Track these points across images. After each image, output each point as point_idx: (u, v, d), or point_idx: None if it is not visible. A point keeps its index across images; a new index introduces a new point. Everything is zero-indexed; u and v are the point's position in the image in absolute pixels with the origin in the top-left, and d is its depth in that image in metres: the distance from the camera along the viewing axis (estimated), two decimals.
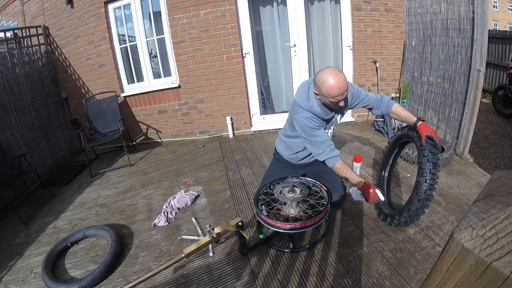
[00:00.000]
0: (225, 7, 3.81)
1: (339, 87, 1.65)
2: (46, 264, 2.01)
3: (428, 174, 1.71)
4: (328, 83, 1.66)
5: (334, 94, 1.67)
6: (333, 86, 1.65)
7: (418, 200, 1.73)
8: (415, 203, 1.75)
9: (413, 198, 1.76)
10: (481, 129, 4.36)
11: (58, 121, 4.34)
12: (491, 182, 0.53)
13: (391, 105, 1.95)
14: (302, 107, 1.85)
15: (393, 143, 2.23)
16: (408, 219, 1.83)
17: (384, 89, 4.20)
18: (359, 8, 3.82)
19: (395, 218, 1.91)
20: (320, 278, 1.69)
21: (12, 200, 3.17)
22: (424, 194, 1.72)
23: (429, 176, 1.71)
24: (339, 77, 1.66)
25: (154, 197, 2.87)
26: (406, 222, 1.87)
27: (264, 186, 2.09)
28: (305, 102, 1.84)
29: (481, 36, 2.65)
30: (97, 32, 4.11)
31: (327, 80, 1.66)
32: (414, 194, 1.77)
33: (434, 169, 1.71)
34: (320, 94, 1.75)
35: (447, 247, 0.44)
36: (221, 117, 4.30)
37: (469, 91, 2.85)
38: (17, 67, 3.70)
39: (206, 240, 1.76)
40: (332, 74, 1.66)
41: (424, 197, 1.72)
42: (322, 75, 1.70)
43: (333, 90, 1.66)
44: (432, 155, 1.72)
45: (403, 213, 1.84)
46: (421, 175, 1.74)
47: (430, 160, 1.72)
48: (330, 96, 1.69)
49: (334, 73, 1.67)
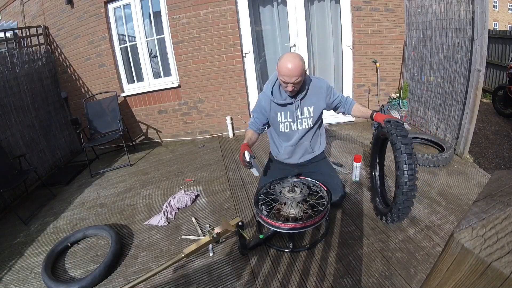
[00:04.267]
0: (225, 7, 3.81)
1: (290, 69, 1.73)
2: (46, 264, 2.01)
3: (404, 165, 1.71)
4: (284, 62, 1.75)
5: (283, 72, 1.76)
6: (284, 64, 1.74)
7: (402, 193, 1.74)
8: (400, 196, 1.75)
9: (397, 193, 1.77)
10: (481, 129, 4.36)
11: (58, 121, 4.34)
12: (491, 182, 0.53)
13: (353, 104, 2.08)
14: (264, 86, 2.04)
15: (374, 144, 2.25)
16: (400, 214, 1.85)
17: (384, 89, 4.20)
18: (359, 8, 3.82)
19: (388, 215, 1.94)
20: (320, 278, 1.69)
21: (12, 200, 3.17)
22: (406, 186, 1.71)
23: (406, 167, 1.71)
24: (296, 62, 1.74)
25: (154, 197, 2.87)
26: (398, 217, 1.89)
27: (264, 186, 2.09)
28: (267, 83, 2.03)
29: (481, 36, 2.65)
30: (97, 32, 4.11)
31: (284, 59, 1.76)
32: (397, 188, 1.78)
33: (409, 159, 1.71)
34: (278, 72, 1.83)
35: (447, 247, 0.44)
36: (221, 117, 4.30)
37: (469, 91, 2.85)
38: (17, 67, 3.70)
39: (206, 240, 1.76)
40: (292, 56, 1.77)
41: (406, 189, 1.72)
42: (284, 55, 1.81)
43: (283, 69, 1.75)
44: (405, 146, 1.72)
45: (392, 209, 1.86)
46: (397, 168, 1.75)
47: (404, 151, 1.72)
48: (280, 73, 1.79)
49: (293, 55, 1.78)
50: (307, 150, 2.14)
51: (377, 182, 2.30)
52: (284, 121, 2.02)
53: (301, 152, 2.14)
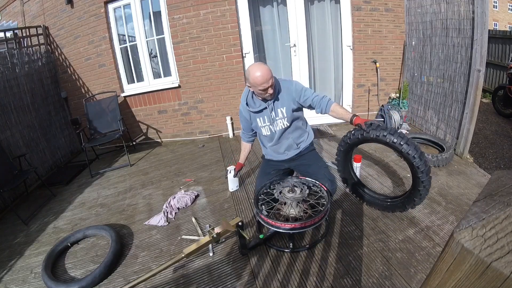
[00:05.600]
0: (225, 7, 3.81)
1: (263, 75, 1.86)
2: (46, 264, 2.01)
3: (411, 151, 1.78)
4: (254, 74, 1.88)
5: (260, 81, 1.87)
6: (258, 76, 1.87)
7: (423, 173, 1.80)
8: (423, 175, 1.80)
9: (419, 176, 1.81)
10: (481, 129, 4.36)
11: (58, 121, 4.34)
12: (491, 182, 0.53)
13: (330, 104, 2.07)
14: (241, 99, 2.18)
15: (348, 148, 2.22)
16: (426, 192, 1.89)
17: (384, 89, 4.20)
18: (359, 8, 3.82)
19: (411, 201, 1.96)
20: (320, 278, 1.69)
21: (12, 200, 3.17)
22: (426, 167, 1.80)
23: (414, 152, 1.78)
24: (262, 67, 1.89)
25: (154, 197, 2.87)
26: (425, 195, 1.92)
27: (264, 186, 2.09)
28: (243, 96, 2.16)
29: (481, 36, 2.65)
30: (97, 32, 4.10)
31: (252, 71, 1.89)
32: (418, 173, 1.81)
33: (411, 147, 1.79)
34: (251, 86, 1.96)
35: (447, 247, 0.44)
36: (221, 117, 4.30)
37: (469, 91, 2.85)
38: (17, 67, 3.70)
39: (206, 240, 1.76)
40: (256, 66, 1.91)
41: (426, 168, 1.80)
42: (249, 69, 1.93)
43: (258, 79, 1.87)
44: (401, 139, 1.80)
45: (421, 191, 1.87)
46: (406, 157, 1.82)
47: (404, 142, 1.79)
48: (257, 84, 1.89)
49: (257, 65, 1.92)
50: (291, 146, 2.21)
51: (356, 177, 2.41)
52: (264, 125, 2.14)
53: (285, 148, 2.22)
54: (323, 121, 4.21)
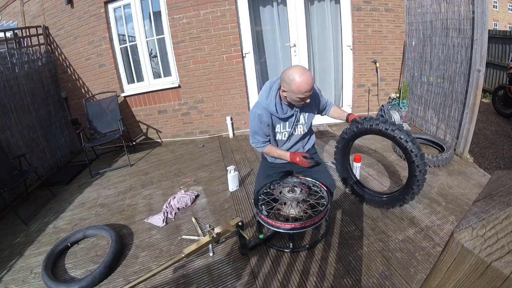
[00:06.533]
0: (225, 7, 3.81)
1: (308, 83, 1.75)
2: (46, 264, 2.01)
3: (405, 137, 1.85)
4: (298, 79, 1.74)
5: (304, 89, 1.76)
6: (303, 82, 1.74)
7: (417, 157, 1.85)
8: (417, 160, 1.86)
9: (415, 161, 1.87)
10: (481, 129, 4.36)
11: (58, 121, 4.34)
12: (491, 182, 0.53)
13: (331, 106, 2.18)
14: (261, 103, 1.95)
15: (343, 150, 2.28)
16: (423, 180, 1.93)
17: (384, 89, 4.20)
18: (359, 8, 3.82)
19: (409, 190, 1.99)
20: (320, 278, 1.69)
21: (12, 200, 3.17)
22: (419, 152, 1.86)
23: (407, 137, 1.85)
24: (307, 74, 1.76)
25: (154, 197, 2.87)
26: (422, 185, 1.97)
27: (264, 186, 2.09)
28: (264, 100, 1.94)
29: (481, 36, 2.65)
30: (97, 32, 4.10)
31: (296, 77, 1.74)
32: (413, 157, 1.86)
33: (405, 133, 1.86)
34: (289, 91, 1.81)
35: (447, 247, 0.44)
36: (221, 117, 4.30)
37: (469, 91, 2.85)
38: (17, 67, 3.70)
39: (206, 240, 1.76)
40: (301, 71, 1.76)
41: (419, 153, 1.86)
42: (291, 73, 1.77)
43: (303, 86, 1.74)
44: (393, 126, 1.88)
45: (418, 180, 1.91)
46: (401, 145, 1.88)
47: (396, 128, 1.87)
48: (300, 92, 1.76)
49: (302, 70, 1.77)
50: (298, 149, 2.21)
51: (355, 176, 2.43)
52: (283, 131, 2.07)
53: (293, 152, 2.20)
54: (323, 121, 4.21)
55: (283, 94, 1.87)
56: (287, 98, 1.87)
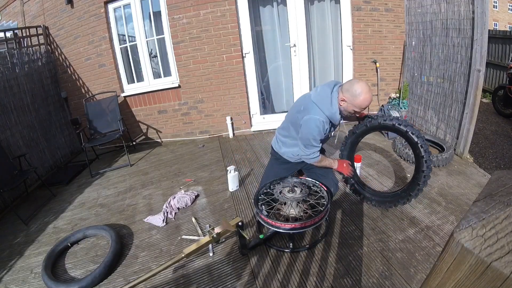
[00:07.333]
0: (225, 7, 3.81)
1: (370, 101, 1.89)
2: (46, 264, 2.01)
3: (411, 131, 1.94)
4: (365, 95, 1.84)
5: (365, 106, 1.89)
6: (367, 99, 1.86)
7: (422, 148, 1.94)
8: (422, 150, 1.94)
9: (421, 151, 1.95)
10: (481, 129, 4.36)
11: (58, 121, 4.34)
12: (491, 182, 0.53)
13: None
14: (323, 111, 1.92)
15: (351, 147, 2.36)
16: (430, 172, 1.98)
17: (384, 89, 4.20)
18: (359, 8, 3.82)
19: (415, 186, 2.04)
20: (320, 278, 1.69)
21: (12, 200, 3.17)
22: (424, 143, 1.95)
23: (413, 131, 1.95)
24: (371, 93, 1.89)
25: (154, 197, 2.87)
26: (429, 176, 2.01)
27: (264, 186, 2.09)
28: (328, 107, 1.92)
29: (481, 36, 2.65)
30: (97, 32, 4.11)
31: (363, 93, 1.84)
32: (418, 149, 1.95)
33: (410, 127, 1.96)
34: (350, 103, 1.89)
35: (447, 247, 0.44)
36: (221, 117, 4.30)
37: (469, 91, 2.84)
38: (17, 67, 3.70)
39: (206, 240, 1.76)
40: (367, 89, 1.86)
41: (425, 146, 1.95)
42: (359, 87, 1.85)
43: (366, 102, 1.87)
44: (397, 121, 1.99)
45: (425, 171, 1.96)
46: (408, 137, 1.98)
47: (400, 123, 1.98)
48: (361, 107, 1.89)
49: (368, 88, 1.88)
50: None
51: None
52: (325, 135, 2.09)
53: None
54: None
55: (341, 102, 1.92)
56: (342, 107, 1.94)
